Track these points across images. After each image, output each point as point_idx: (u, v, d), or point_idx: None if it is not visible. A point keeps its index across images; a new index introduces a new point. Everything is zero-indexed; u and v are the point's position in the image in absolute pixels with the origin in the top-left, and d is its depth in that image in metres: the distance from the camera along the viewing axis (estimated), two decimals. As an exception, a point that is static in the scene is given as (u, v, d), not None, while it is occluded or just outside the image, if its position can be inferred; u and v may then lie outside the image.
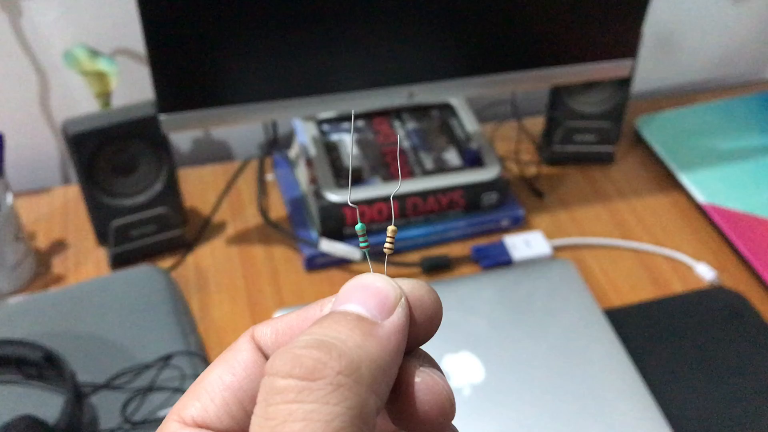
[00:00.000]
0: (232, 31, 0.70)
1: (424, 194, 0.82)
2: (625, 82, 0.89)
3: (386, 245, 0.27)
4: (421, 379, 0.23)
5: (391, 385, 0.23)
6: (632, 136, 1.01)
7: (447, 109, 0.93)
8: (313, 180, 0.83)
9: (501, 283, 0.78)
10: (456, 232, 0.85)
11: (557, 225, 0.88)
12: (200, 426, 0.24)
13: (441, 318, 0.25)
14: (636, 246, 0.86)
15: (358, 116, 0.90)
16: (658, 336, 0.76)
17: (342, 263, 0.82)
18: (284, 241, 0.84)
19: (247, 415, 0.22)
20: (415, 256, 0.83)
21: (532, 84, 0.82)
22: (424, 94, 0.79)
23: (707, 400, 0.71)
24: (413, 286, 0.24)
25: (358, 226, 0.27)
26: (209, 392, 0.24)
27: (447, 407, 0.23)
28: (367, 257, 0.28)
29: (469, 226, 0.85)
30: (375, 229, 0.82)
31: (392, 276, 0.24)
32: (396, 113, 0.92)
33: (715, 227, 0.88)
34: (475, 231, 0.86)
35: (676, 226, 0.89)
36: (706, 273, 0.82)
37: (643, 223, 0.89)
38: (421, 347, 0.25)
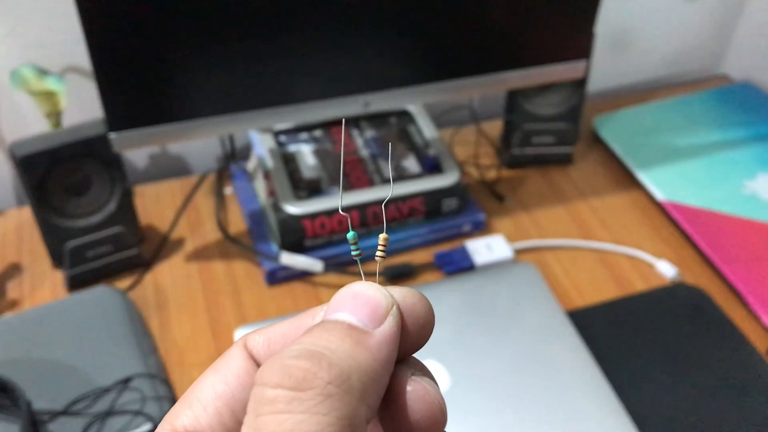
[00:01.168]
0: (182, 45, 0.69)
1: (384, 203, 0.81)
2: (580, 83, 0.90)
3: (378, 253, 0.27)
4: (413, 387, 0.23)
5: (382, 395, 0.23)
6: (590, 136, 1.01)
7: (405, 116, 0.92)
8: (272, 192, 0.82)
9: (464, 288, 0.78)
10: (418, 239, 0.84)
11: (518, 228, 0.88)
12: None
13: (433, 326, 0.25)
14: (597, 246, 0.86)
15: (314, 126, 0.89)
16: (622, 335, 0.77)
17: (304, 276, 0.81)
18: (244, 256, 0.83)
19: (240, 425, 0.22)
20: (376, 266, 0.82)
21: (488, 89, 0.82)
22: (380, 102, 0.78)
23: (671, 397, 0.71)
24: (405, 294, 0.24)
25: (350, 234, 0.27)
26: (201, 401, 0.24)
27: (438, 416, 0.23)
28: (359, 265, 0.28)
29: (431, 232, 0.85)
30: (336, 240, 0.81)
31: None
32: (354, 122, 0.91)
33: (674, 224, 0.89)
34: (437, 237, 0.85)
35: (636, 225, 0.89)
36: (667, 270, 0.82)
37: (603, 222, 0.89)
38: (413, 355, 0.25)
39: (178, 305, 0.79)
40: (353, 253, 0.27)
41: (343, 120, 0.43)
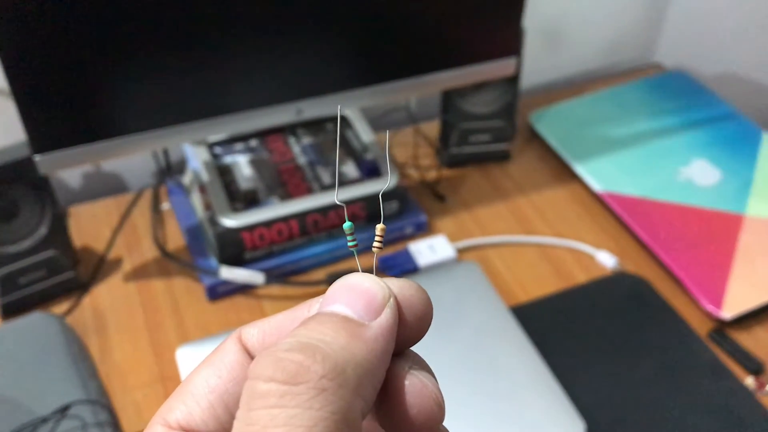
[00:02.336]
0: (104, 60, 0.67)
1: (324, 210, 0.81)
2: (513, 80, 0.90)
3: (375, 244, 0.26)
4: (410, 381, 0.23)
5: (378, 388, 0.22)
6: (528, 131, 1.02)
7: (342, 121, 0.92)
8: (208, 206, 0.80)
9: (409, 291, 0.77)
10: (361, 244, 0.84)
11: (460, 227, 0.88)
12: (185, 429, 0.23)
13: (431, 318, 0.24)
14: (538, 240, 0.86)
15: (250, 136, 0.88)
16: (565, 327, 0.77)
17: (246, 289, 0.80)
18: (184, 272, 0.82)
19: (233, 418, 0.21)
20: (320, 274, 0.81)
21: (420, 91, 0.82)
22: (313, 109, 0.77)
23: (615, 385, 0.72)
24: (402, 286, 0.24)
25: (346, 225, 0.26)
26: (195, 395, 0.24)
27: (436, 411, 0.23)
28: (356, 256, 0.28)
29: (373, 237, 0.84)
30: (276, 251, 0.80)
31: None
32: (290, 129, 0.90)
33: (613, 214, 0.90)
34: (380, 241, 0.85)
35: (575, 217, 0.90)
36: (607, 260, 0.83)
37: (543, 216, 0.90)
38: (410, 348, 0.25)
39: (118, 327, 0.77)
40: (349, 243, 0.27)
41: (339, 110, 0.42)
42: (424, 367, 0.24)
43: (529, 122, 1.01)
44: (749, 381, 0.73)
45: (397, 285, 0.24)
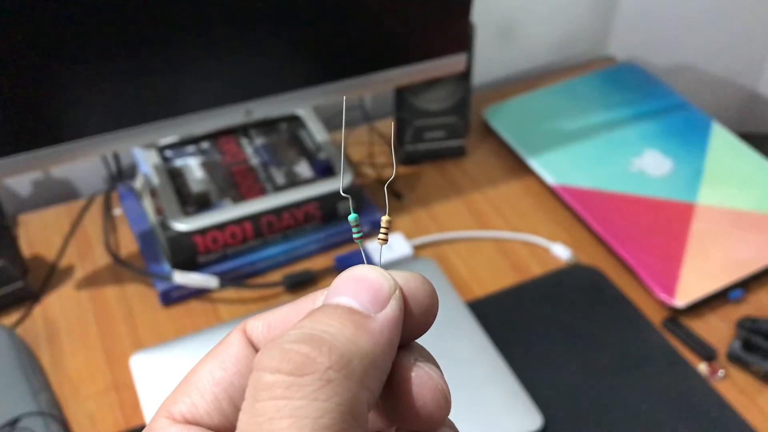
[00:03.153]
0: (47, 64, 0.65)
1: (278, 211, 0.80)
2: (465, 76, 0.90)
3: (380, 236, 0.26)
4: (416, 373, 0.23)
5: (384, 380, 0.22)
6: (482, 127, 1.02)
7: (295, 121, 0.91)
8: (159, 210, 0.79)
9: (366, 290, 0.77)
10: (316, 245, 0.83)
11: (417, 224, 0.88)
12: (190, 422, 0.23)
13: (437, 311, 0.24)
14: (494, 235, 0.87)
15: (201, 138, 0.87)
16: (521, 320, 0.77)
17: (200, 293, 0.79)
18: (137, 278, 0.81)
19: (238, 411, 0.21)
20: (276, 275, 0.81)
21: (371, 89, 0.82)
22: (263, 109, 0.77)
23: (572, 376, 0.73)
24: (408, 278, 0.24)
25: (351, 217, 0.26)
26: (199, 388, 0.24)
27: (442, 403, 0.23)
28: (361, 248, 0.28)
29: (329, 237, 0.84)
30: (230, 253, 0.79)
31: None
32: (243, 130, 0.89)
33: (567, 207, 0.90)
34: (336, 241, 0.84)
35: (530, 211, 0.90)
36: (561, 252, 0.84)
37: (499, 211, 0.90)
38: (416, 341, 0.25)
39: (71, 336, 0.76)
40: (355, 235, 0.27)
41: (344, 97, 0.41)
42: (429, 359, 0.24)
43: (483, 118, 1.02)
44: (702, 367, 0.74)
45: (402, 277, 0.24)
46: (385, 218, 0.26)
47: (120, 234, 0.86)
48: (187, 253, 0.77)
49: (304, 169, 0.85)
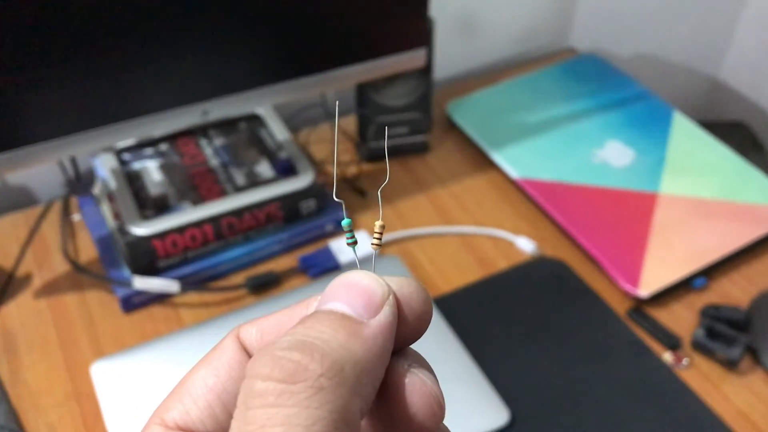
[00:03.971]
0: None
1: (238, 212, 0.79)
2: (426, 71, 0.90)
3: (374, 241, 0.26)
4: (410, 380, 0.23)
5: (378, 387, 0.22)
6: (445, 122, 1.02)
7: (255, 120, 0.90)
8: (118, 215, 0.78)
9: (330, 289, 0.76)
10: (280, 245, 0.82)
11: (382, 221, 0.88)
12: (182, 429, 0.23)
13: (431, 316, 0.24)
14: (459, 230, 0.86)
15: (159, 140, 0.86)
16: (487, 315, 0.77)
17: (162, 298, 0.77)
18: (97, 285, 0.79)
19: (231, 418, 0.21)
20: (239, 278, 0.80)
21: (330, 86, 0.81)
22: (219, 109, 0.76)
23: (539, 370, 0.73)
24: (401, 283, 0.24)
25: (345, 222, 0.26)
26: (192, 394, 0.24)
27: (436, 409, 0.23)
28: (355, 254, 0.27)
29: (292, 237, 0.83)
30: (191, 257, 0.78)
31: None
32: (202, 131, 0.88)
33: (530, 200, 0.90)
34: (300, 241, 0.84)
35: (494, 205, 0.90)
36: (526, 246, 0.84)
37: (463, 206, 0.90)
38: (410, 347, 0.25)
39: (30, 346, 0.74)
40: (348, 241, 0.26)
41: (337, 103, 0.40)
42: (424, 365, 0.24)
43: (446, 113, 1.01)
44: (667, 356, 0.74)
45: (396, 283, 0.24)
46: (378, 223, 0.26)
47: (79, 240, 0.84)
48: (147, 257, 0.76)
49: (264, 168, 0.84)
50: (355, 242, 0.26)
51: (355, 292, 0.23)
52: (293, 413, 0.19)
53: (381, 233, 0.26)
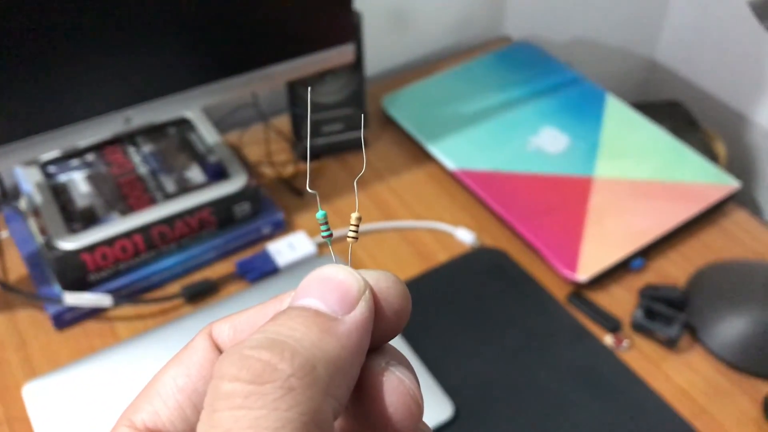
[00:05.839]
0: None
1: (169, 220, 0.77)
2: (357, 67, 0.89)
3: (350, 234, 0.25)
4: (387, 378, 0.22)
5: (352, 386, 0.21)
6: (382, 116, 1.01)
7: (184, 125, 0.88)
8: (44, 230, 0.75)
9: (269, 293, 0.75)
10: (215, 252, 0.81)
11: (320, 221, 0.87)
12: (151, 430, 0.22)
13: (409, 312, 0.23)
14: (398, 225, 0.86)
15: (86, 150, 0.83)
16: (429, 309, 0.77)
17: (95, 313, 0.75)
18: (27, 303, 0.77)
19: None
20: (174, 287, 0.78)
21: (259, 85, 0.80)
22: (143, 116, 0.74)
23: (482, 361, 0.72)
24: (378, 278, 0.23)
25: (319, 214, 0.25)
26: (162, 395, 0.23)
27: (414, 409, 0.22)
28: (330, 247, 0.27)
29: (228, 242, 0.81)
30: (123, 269, 0.76)
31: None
32: (129, 138, 0.86)
33: (468, 191, 0.90)
34: (236, 245, 0.82)
35: (433, 198, 0.90)
36: (465, 237, 0.84)
37: (402, 200, 0.89)
38: (389, 343, 0.24)
39: (-43, 371, 0.72)
40: (323, 234, 0.25)
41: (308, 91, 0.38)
42: (402, 362, 0.23)
43: (382, 107, 1.01)
44: (608, 339, 0.74)
45: (373, 277, 0.23)
46: (355, 215, 0.25)
47: (7, 258, 0.82)
48: (77, 272, 0.73)
49: (195, 173, 0.82)
50: (331, 235, 0.26)
51: (329, 287, 0.22)
52: (261, 416, 0.18)
53: (357, 225, 0.25)
